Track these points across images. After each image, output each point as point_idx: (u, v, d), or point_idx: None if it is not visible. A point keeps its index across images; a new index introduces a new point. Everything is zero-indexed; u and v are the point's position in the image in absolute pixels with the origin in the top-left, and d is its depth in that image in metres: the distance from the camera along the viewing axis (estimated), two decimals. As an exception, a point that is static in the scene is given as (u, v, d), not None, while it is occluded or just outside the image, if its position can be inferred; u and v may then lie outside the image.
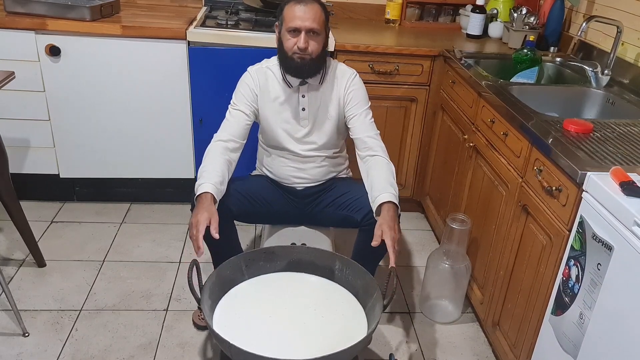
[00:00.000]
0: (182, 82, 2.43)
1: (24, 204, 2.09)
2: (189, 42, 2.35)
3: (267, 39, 2.37)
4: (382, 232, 1.53)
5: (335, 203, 1.87)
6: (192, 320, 1.99)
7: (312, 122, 1.82)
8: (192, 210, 1.66)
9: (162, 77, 2.41)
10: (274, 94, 1.80)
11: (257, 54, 2.36)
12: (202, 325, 1.96)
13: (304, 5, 1.66)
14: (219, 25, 2.43)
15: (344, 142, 1.97)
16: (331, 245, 1.91)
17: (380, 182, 1.67)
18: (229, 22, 2.45)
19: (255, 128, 1.89)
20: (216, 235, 1.51)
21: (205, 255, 1.90)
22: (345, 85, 1.81)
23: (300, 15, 1.65)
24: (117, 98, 2.44)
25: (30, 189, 2.61)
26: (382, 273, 2.03)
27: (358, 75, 1.85)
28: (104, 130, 2.50)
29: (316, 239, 1.90)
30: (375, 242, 1.53)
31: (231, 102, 1.81)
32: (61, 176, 2.58)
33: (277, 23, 1.76)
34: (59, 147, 2.51)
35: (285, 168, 1.87)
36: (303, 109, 1.80)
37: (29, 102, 2.40)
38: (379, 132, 1.82)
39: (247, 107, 1.78)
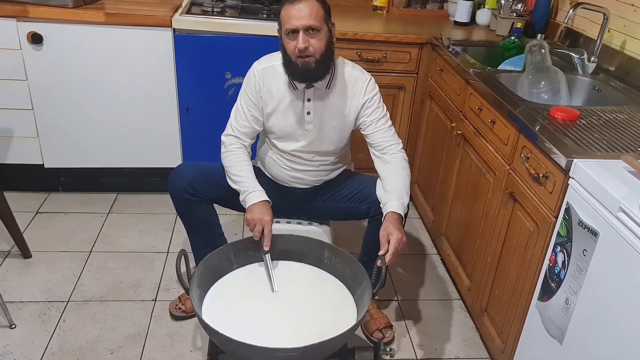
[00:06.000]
0: (168, 70, 2.39)
1: (8, 195, 2.06)
2: (174, 29, 2.32)
3: (253, 27, 2.34)
4: (388, 233, 1.51)
5: (336, 197, 1.84)
6: (169, 310, 1.97)
7: (317, 127, 1.73)
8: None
9: (148, 65, 2.38)
10: (278, 96, 1.71)
11: (244, 42, 2.36)
12: (179, 315, 1.94)
13: (299, 3, 1.56)
14: (204, 13, 2.40)
15: (348, 146, 1.89)
16: (331, 239, 1.88)
17: (395, 187, 1.65)
18: (215, 9, 2.41)
19: None
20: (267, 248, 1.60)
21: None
22: (362, 94, 1.72)
23: (295, 15, 1.55)
24: (101, 87, 2.40)
25: (14, 179, 2.57)
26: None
27: (372, 78, 1.75)
28: (88, 119, 2.46)
29: (314, 233, 1.85)
30: (382, 251, 1.50)
31: (242, 99, 1.75)
32: (46, 166, 2.55)
33: (278, 28, 1.67)
34: (43, 136, 2.47)
35: (282, 169, 1.81)
36: (308, 113, 1.72)
37: (11, 91, 2.35)
38: (395, 132, 1.77)
39: (257, 111, 1.74)
